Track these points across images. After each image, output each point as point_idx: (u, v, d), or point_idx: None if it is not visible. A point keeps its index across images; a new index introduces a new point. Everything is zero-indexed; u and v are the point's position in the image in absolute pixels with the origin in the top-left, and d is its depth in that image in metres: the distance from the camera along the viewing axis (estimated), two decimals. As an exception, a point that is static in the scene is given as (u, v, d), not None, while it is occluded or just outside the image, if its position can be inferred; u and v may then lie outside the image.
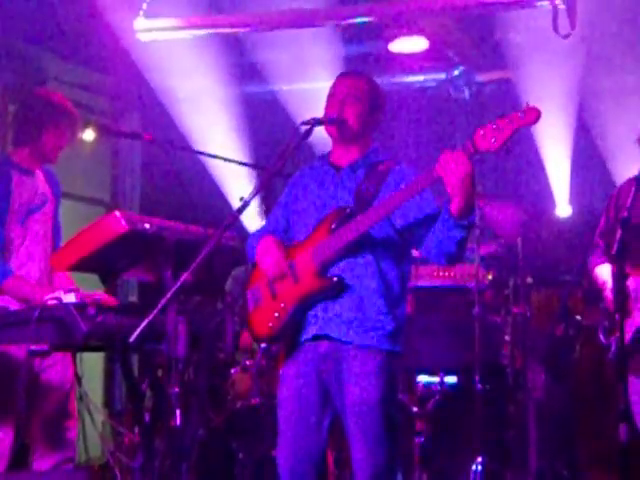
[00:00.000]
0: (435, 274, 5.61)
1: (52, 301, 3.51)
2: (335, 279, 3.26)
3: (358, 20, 5.66)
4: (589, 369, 5.63)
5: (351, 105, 3.38)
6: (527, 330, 5.36)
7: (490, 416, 5.11)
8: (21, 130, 4.26)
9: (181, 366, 3.32)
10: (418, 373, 5.45)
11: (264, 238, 3.45)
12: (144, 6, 5.71)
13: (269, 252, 3.37)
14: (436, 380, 5.35)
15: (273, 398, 3.60)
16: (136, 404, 3.95)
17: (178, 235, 3.62)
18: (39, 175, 4.29)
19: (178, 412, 3.31)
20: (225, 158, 4.62)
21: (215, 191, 7.39)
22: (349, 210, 3.28)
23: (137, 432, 3.98)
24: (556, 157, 7.21)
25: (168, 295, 3.10)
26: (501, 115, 2.97)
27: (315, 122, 3.34)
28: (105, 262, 3.70)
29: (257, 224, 5.32)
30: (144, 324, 3.02)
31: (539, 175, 7.26)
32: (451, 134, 7.47)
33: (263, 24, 5.88)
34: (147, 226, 3.54)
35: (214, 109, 7.28)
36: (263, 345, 5.12)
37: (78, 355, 3.80)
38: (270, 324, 3.36)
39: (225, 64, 6.92)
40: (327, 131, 3.41)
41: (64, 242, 4.10)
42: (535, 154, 7.16)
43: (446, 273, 5.59)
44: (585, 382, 5.76)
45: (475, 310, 5.16)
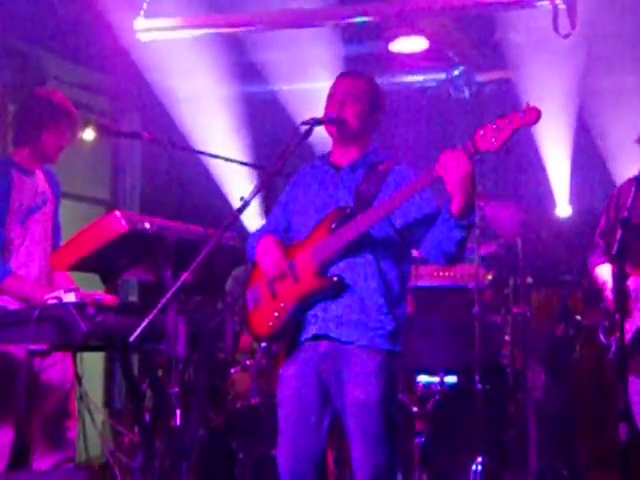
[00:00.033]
0: (435, 274, 5.61)
1: (52, 301, 3.51)
2: (335, 279, 3.26)
3: (358, 20, 5.65)
4: (589, 369, 5.63)
5: (351, 105, 3.37)
6: (527, 330, 5.36)
7: (490, 416, 5.10)
8: (21, 130, 4.26)
9: (181, 366, 3.32)
10: (418, 373, 5.46)
11: (264, 238, 3.45)
12: (144, 6, 5.71)
13: (269, 252, 3.37)
14: (436, 380, 5.35)
15: (273, 398, 3.59)
16: (136, 404, 3.95)
17: (178, 235, 3.62)
18: (39, 175, 4.29)
19: (178, 412, 3.31)
20: (225, 158, 4.61)
21: (215, 191, 7.38)
22: (349, 210, 3.28)
23: (137, 432, 3.98)
24: (556, 157, 7.21)
25: (168, 295, 3.09)
26: (501, 115, 2.97)
27: (315, 122, 3.34)
28: (105, 262, 3.70)
29: (257, 224, 5.31)
30: (144, 324, 3.02)
31: (539, 175, 7.25)
32: (451, 134, 7.47)
33: (263, 24, 5.87)
34: (147, 226, 3.54)
35: (214, 109, 7.28)
36: (263, 345, 5.13)
37: (78, 355, 3.80)
38: (270, 324, 3.36)
39: (225, 64, 6.91)
40: (327, 131, 3.41)
41: (64, 242, 4.10)
42: (535, 154, 7.16)
43: (446, 273, 5.59)
44: (585, 382, 5.76)
45: (475, 310, 5.16)
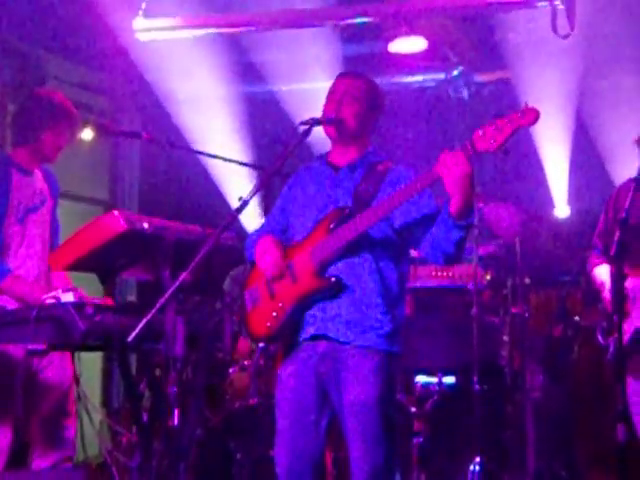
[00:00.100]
0: (433, 274, 5.61)
1: (50, 300, 3.51)
2: (333, 279, 3.26)
3: (357, 20, 5.66)
4: (587, 370, 5.63)
5: (349, 105, 3.37)
6: (525, 330, 5.36)
7: (488, 416, 5.10)
8: (21, 130, 4.26)
9: (179, 366, 3.32)
10: (416, 373, 5.46)
11: (263, 238, 3.45)
12: (143, 6, 5.71)
13: (268, 252, 3.37)
14: (434, 380, 5.35)
15: (271, 398, 3.59)
16: (134, 403, 3.95)
17: (177, 235, 3.62)
18: (38, 174, 4.29)
19: (176, 412, 3.31)
20: (224, 158, 4.61)
21: (214, 191, 7.38)
22: (348, 210, 3.27)
23: (135, 431, 3.98)
24: (555, 157, 7.21)
25: (167, 295, 3.09)
26: (500, 115, 2.97)
27: (314, 122, 3.33)
28: (103, 261, 3.70)
29: (256, 224, 5.32)
30: (142, 323, 3.02)
31: (538, 176, 7.25)
32: (450, 134, 7.47)
33: (262, 24, 5.88)
34: (145, 225, 3.54)
35: (213, 109, 7.28)
36: (261, 345, 5.13)
37: (76, 354, 3.80)
38: (268, 324, 3.36)
39: (224, 64, 6.91)
40: (325, 131, 3.40)
41: (62, 242, 4.10)
42: (534, 154, 7.16)
43: (444, 273, 5.59)
44: (583, 383, 5.76)
45: (473, 310, 5.16)
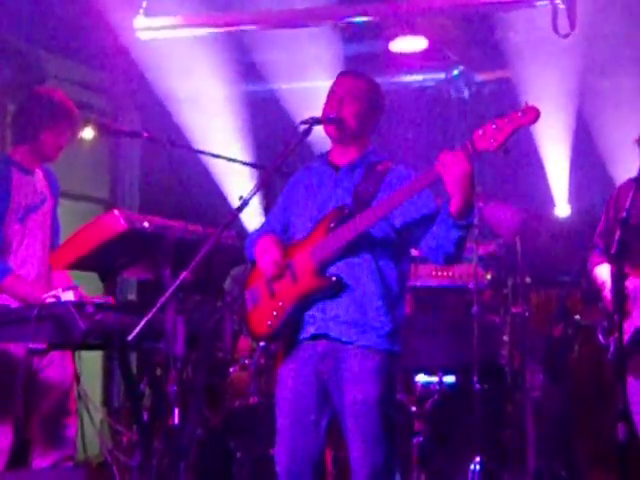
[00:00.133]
0: (434, 274, 5.61)
1: (50, 299, 3.51)
2: (334, 278, 3.26)
3: (358, 19, 5.65)
4: (588, 369, 5.63)
5: (349, 104, 3.37)
6: (526, 330, 5.36)
7: (488, 416, 5.10)
8: (21, 129, 4.25)
9: (180, 365, 3.32)
10: (416, 373, 5.45)
11: (263, 237, 3.45)
12: (144, 4, 5.70)
13: (268, 251, 3.37)
14: (434, 380, 5.35)
15: (271, 397, 3.59)
16: (134, 403, 3.95)
17: (177, 234, 3.62)
18: (38, 174, 4.28)
19: (176, 411, 3.31)
20: (224, 157, 4.61)
21: (214, 190, 7.38)
22: (348, 210, 3.27)
23: (135, 431, 3.98)
24: (555, 157, 7.20)
25: (167, 294, 3.10)
26: (500, 115, 2.97)
27: (314, 121, 3.34)
28: (104, 261, 3.70)
29: (256, 223, 5.31)
30: (143, 323, 3.03)
31: (538, 175, 7.24)
32: (450, 134, 7.46)
33: (263, 23, 5.87)
34: (146, 225, 3.54)
35: (214, 108, 7.27)
36: (262, 344, 5.13)
37: (77, 353, 3.80)
38: (269, 323, 3.36)
39: (225, 63, 6.91)
40: (326, 131, 3.40)
41: (62, 241, 4.10)
42: (534, 154, 7.15)
43: (445, 273, 5.59)
44: (583, 382, 5.76)
45: (474, 310, 5.16)
